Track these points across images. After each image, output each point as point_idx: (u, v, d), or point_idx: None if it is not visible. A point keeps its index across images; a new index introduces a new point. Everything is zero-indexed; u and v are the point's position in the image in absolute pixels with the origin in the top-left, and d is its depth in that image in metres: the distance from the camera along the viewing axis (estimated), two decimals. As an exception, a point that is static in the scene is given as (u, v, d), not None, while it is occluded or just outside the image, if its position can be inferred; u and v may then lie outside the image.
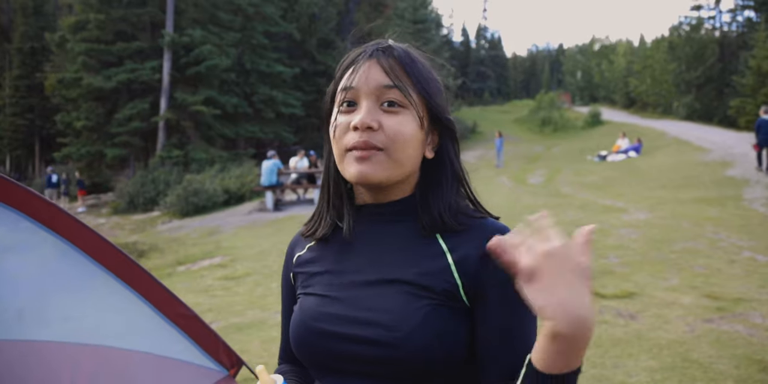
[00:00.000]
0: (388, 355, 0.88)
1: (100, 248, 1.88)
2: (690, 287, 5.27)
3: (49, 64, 31.86)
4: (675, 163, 15.85)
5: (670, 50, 37.49)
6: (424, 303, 0.90)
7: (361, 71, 0.95)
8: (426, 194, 0.99)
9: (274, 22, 29.18)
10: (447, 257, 0.94)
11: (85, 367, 1.87)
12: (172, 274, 8.00)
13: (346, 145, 0.94)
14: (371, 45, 1.00)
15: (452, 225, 0.96)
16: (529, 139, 32.16)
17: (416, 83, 0.95)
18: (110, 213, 21.17)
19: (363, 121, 0.91)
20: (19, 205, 1.81)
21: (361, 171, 0.92)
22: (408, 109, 0.94)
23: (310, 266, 1.04)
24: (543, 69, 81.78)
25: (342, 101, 0.96)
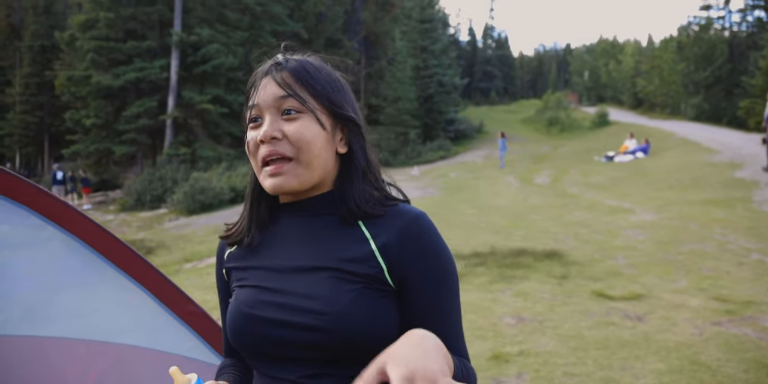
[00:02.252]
0: (319, 339, 0.93)
1: (108, 245, 1.88)
2: (698, 289, 5.24)
3: (59, 62, 32.01)
4: (683, 164, 15.76)
5: (679, 50, 37.24)
6: (352, 287, 0.96)
7: (259, 89, 1.03)
8: (342, 186, 1.05)
9: (281, 21, 29.21)
10: (370, 243, 0.99)
11: (92, 363, 1.87)
12: (179, 271, 8.01)
13: (259, 161, 1.02)
14: (265, 64, 1.07)
15: (370, 212, 1.02)
16: (536, 139, 32.07)
17: (310, 88, 1.02)
18: (118, 210, 21.24)
19: (265, 133, 0.99)
20: (27, 202, 1.82)
21: (274, 184, 1.00)
22: (306, 113, 1.01)
23: (242, 261, 1.10)
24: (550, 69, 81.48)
25: (249, 119, 1.04)
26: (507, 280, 5.89)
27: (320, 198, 1.06)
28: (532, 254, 6.83)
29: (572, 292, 5.36)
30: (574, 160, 21.34)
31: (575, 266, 6.27)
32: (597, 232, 8.14)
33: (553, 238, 7.77)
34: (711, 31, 36.82)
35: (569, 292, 5.39)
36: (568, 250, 6.97)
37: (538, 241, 7.60)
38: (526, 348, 4.03)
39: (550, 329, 4.40)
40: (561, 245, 7.29)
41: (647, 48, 58.47)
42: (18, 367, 1.77)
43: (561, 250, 6.95)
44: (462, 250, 7.19)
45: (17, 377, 1.76)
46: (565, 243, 7.45)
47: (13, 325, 1.80)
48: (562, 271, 6.08)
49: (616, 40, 67.24)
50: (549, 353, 3.91)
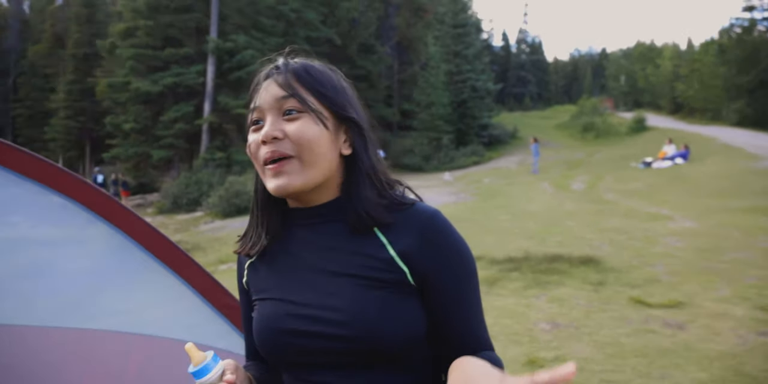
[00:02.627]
0: (349, 346, 0.94)
1: (155, 241, 1.93)
2: (742, 298, 5.10)
3: (100, 69, 32.88)
4: (724, 170, 15.38)
5: (720, 53, 36.40)
6: (376, 294, 0.96)
7: (261, 91, 1.03)
8: (349, 192, 1.04)
9: (315, 28, 29.50)
10: (388, 249, 0.99)
11: (135, 356, 1.92)
12: (215, 272, 8.13)
13: (261, 161, 1.02)
14: (266, 67, 1.08)
15: (381, 219, 1.00)
16: (571, 145, 31.67)
17: (311, 89, 1.02)
18: (155, 213, 21.66)
19: (267, 133, 0.99)
20: (79, 198, 1.88)
21: (277, 184, 0.99)
22: (307, 113, 1.00)
23: (260, 273, 1.10)
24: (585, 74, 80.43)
25: (251, 122, 1.05)
26: (542, 285, 5.82)
27: (330, 205, 1.05)
28: (567, 260, 6.74)
29: (609, 299, 5.27)
30: (609, 166, 21.00)
31: (612, 273, 6.17)
32: (634, 238, 8.00)
33: (589, 245, 7.66)
34: (755, 32, 35.85)
35: (606, 298, 5.30)
36: (604, 257, 6.86)
37: (573, 247, 7.50)
38: (562, 354, 3.98)
39: (587, 335, 4.34)
40: (597, 252, 7.18)
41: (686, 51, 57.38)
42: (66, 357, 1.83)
43: (597, 257, 6.85)
44: (496, 255, 7.14)
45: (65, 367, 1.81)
46: (601, 249, 7.34)
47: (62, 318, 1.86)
48: (598, 278, 5.99)
49: (654, 43, 66.13)
50: (585, 360, 3.85)
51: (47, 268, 1.88)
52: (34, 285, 1.84)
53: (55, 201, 1.87)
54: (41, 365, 1.75)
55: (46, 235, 1.93)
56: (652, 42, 67.02)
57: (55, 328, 1.82)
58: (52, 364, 1.77)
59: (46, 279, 1.86)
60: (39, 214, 1.88)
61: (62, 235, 1.95)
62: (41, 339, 1.78)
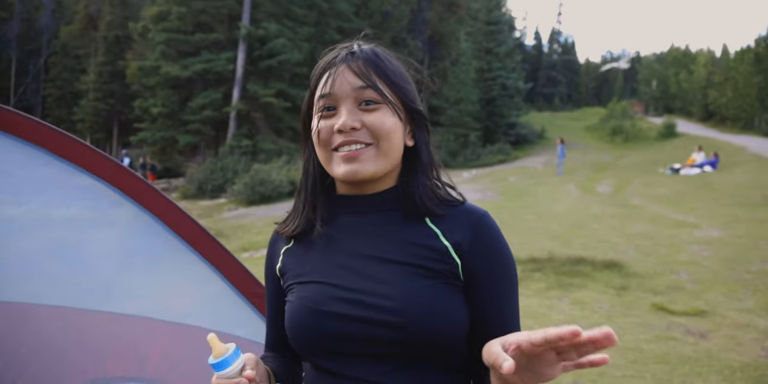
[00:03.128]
0: (397, 335, 0.92)
1: (183, 224, 1.93)
2: (766, 310, 5.00)
3: (131, 52, 33.22)
4: (754, 180, 15.07)
5: (756, 62, 35.61)
6: (429, 282, 0.96)
7: (334, 78, 1.01)
8: (407, 181, 1.05)
9: (347, 19, 29.48)
10: (441, 239, 1.00)
11: (159, 342, 1.92)
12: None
13: (332, 146, 1.01)
14: (337, 51, 1.06)
15: (435, 209, 1.02)
16: (599, 148, 31.30)
17: (386, 80, 1.02)
18: (179, 197, 21.90)
19: (345, 123, 0.98)
20: (109, 178, 1.88)
21: (349, 170, 0.99)
22: (384, 104, 1.01)
23: (302, 257, 1.07)
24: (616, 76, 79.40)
25: (322, 108, 1.02)
26: (564, 287, 5.76)
27: (386, 193, 1.05)
28: (591, 263, 6.66)
29: (632, 304, 5.20)
30: (637, 170, 20.71)
31: (636, 278, 6.09)
32: (659, 245, 7.88)
33: (614, 249, 7.57)
34: (792, 42, 35.05)
35: (629, 303, 5.23)
36: (628, 262, 6.77)
37: (597, 251, 7.41)
38: (582, 357, 3.93)
39: (608, 340, 4.28)
40: (621, 256, 7.09)
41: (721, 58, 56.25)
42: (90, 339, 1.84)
43: (621, 261, 6.76)
44: (519, 254, 7.08)
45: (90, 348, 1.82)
46: (625, 254, 7.24)
47: (90, 300, 1.87)
48: (621, 282, 5.92)
49: (689, 49, 64.97)
50: (606, 365, 3.81)
51: (74, 249, 1.88)
52: (61, 265, 1.85)
53: (85, 181, 1.87)
54: (64, 345, 1.77)
55: (75, 215, 1.92)
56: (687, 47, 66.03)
57: (81, 310, 1.83)
58: (76, 344, 1.78)
59: (73, 259, 1.86)
60: (68, 194, 1.88)
61: (90, 215, 1.95)
62: (66, 319, 1.79)
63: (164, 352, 1.92)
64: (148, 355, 1.91)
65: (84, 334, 1.83)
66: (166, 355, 1.92)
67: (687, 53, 62.26)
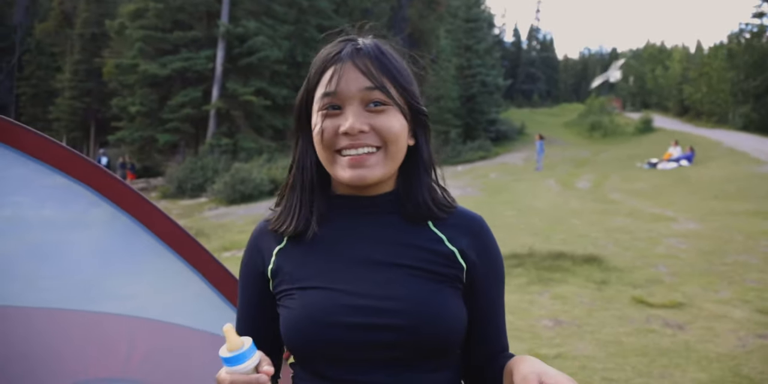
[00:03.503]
0: (405, 338, 0.91)
1: (161, 224, 1.92)
2: (742, 301, 5.10)
3: (108, 49, 32.74)
4: (729, 174, 15.33)
5: (729, 58, 36.17)
6: (436, 286, 0.96)
7: (339, 75, 0.95)
8: (408, 182, 1.02)
9: (327, 16, 29.37)
10: (446, 244, 0.99)
11: (141, 341, 1.91)
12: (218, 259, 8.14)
13: (336, 148, 0.96)
14: (341, 45, 1.00)
15: (437, 212, 1.01)
16: (578, 144, 31.60)
17: (392, 79, 0.97)
18: (159, 197, 21.69)
19: (353, 126, 0.93)
20: (84, 179, 1.86)
21: (356, 175, 0.94)
22: (392, 106, 0.96)
23: (298, 259, 1.01)
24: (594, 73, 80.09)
25: (325, 106, 0.96)
26: (545, 282, 5.82)
27: (388, 195, 1.02)
28: (571, 258, 6.73)
29: (611, 298, 5.27)
30: (615, 165, 20.96)
31: (615, 272, 6.17)
32: (638, 239, 7.99)
33: (593, 243, 7.65)
34: (763, 38, 35.65)
35: (608, 297, 5.30)
36: (608, 256, 6.86)
37: (577, 245, 7.49)
38: (564, 351, 3.98)
39: (589, 333, 4.34)
40: (601, 250, 7.18)
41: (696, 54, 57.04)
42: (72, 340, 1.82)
43: (601, 256, 6.84)
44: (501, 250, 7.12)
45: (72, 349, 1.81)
46: (605, 248, 7.33)
47: (68, 301, 1.85)
48: (601, 277, 5.99)
49: (664, 45, 65.82)
50: (587, 357, 3.86)
51: (52, 250, 1.86)
52: (40, 266, 1.82)
53: (60, 182, 1.84)
54: (46, 347, 1.75)
55: (51, 216, 1.90)
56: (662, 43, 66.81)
57: (60, 310, 1.81)
58: (57, 346, 1.77)
59: (52, 260, 1.84)
60: (44, 194, 1.85)
61: (67, 216, 1.93)
62: (46, 321, 1.77)
63: (147, 351, 1.91)
64: (131, 354, 1.89)
65: (65, 336, 1.81)
66: (149, 354, 1.91)
67: (662, 49, 63.07)
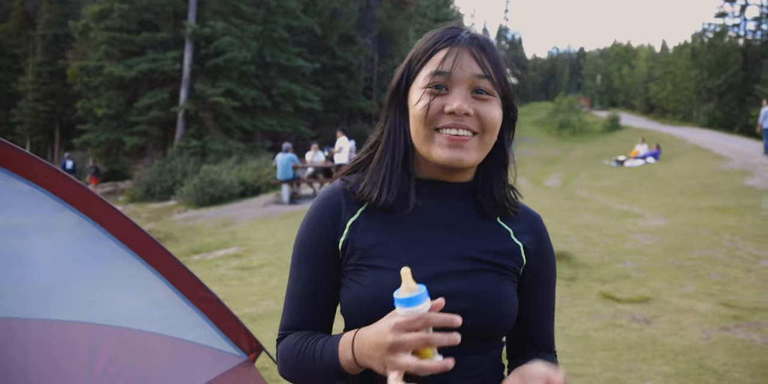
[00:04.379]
0: (476, 324, 0.97)
1: (126, 230, 1.90)
2: (706, 295, 5.22)
3: (72, 51, 32.18)
4: (694, 170, 15.68)
5: (693, 57, 37.08)
6: (500, 278, 1.02)
7: (454, 58, 0.98)
8: (488, 176, 1.07)
9: (296, 16, 29.23)
10: (513, 239, 1.06)
11: (105, 348, 1.88)
12: (187, 262, 8.05)
13: (436, 124, 0.99)
14: (454, 30, 1.03)
15: (509, 209, 1.07)
16: (547, 142, 31.99)
17: (499, 72, 1.02)
18: (127, 201, 21.35)
19: (461, 107, 0.96)
20: (46, 185, 1.83)
21: (454, 156, 0.97)
22: (495, 96, 1.01)
23: (370, 235, 1.02)
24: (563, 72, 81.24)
25: (432, 84, 0.99)
26: (514, 280, 5.87)
27: (468, 185, 1.07)
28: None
29: (580, 294, 5.35)
30: (584, 163, 21.28)
31: (584, 268, 6.26)
32: (606, 235, 8.11)
33: (563, 240, 7.75)
34: (725, 38, 36.60)
35: (577, 293, 5.38)
36: (577, 253, 6.95)
37: (546, 243, 7.58)
38: (533, 348, 4.03)
39: (558, 329, 4.39)
40: (570, 247, 7.27)
41: (661, 54, 58.26)
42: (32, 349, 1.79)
43: (570, 252, 6.93)
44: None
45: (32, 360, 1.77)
46: (574, 245, 7.43)
47: (28, 309, 1.81)
48: (570, 273, 6.07)
49: (630, 45, 67.04)
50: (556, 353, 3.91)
51: (13, 257, 1.82)
52: (1, 275, 1.79)
53: (22, 188, 1.80)
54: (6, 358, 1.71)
55: (12, 223, 1.87)
56: (629, 43, 67.98)
57: (23, 320, 1.78)
58: (18, 356, 1.73)
59: (12, 268, 1.80)
60: (6, 201, 1.82)
61: (29, 223, 1.90)
62: (7, 331, 1.73)
63: (111, 359, 1.88)
64: (94, 362, 1.87)
65: (25, 345, 1.78)
66: (112, 361, 1.88)
67: (629, 49, 64.25)
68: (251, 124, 27.86)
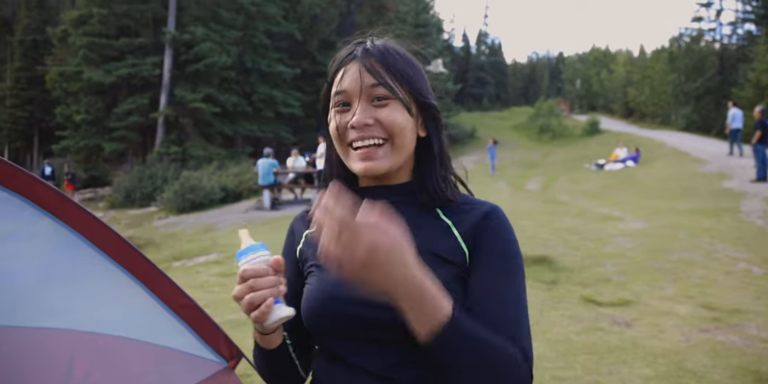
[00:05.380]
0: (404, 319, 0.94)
1: (104, 237, 1.87)
2: (686, 297, 5.28)
3: (51, 57, 31.85)
4: (672, 173, 15.88)
5: (670, 61, 37.59)
6: (443, 272, 0.99)
7: (348, 75, 1.05)
8: (421, 172, 1.10)
9: (276, 22, 29.20)
10: (453, 231, 1.05)
11: (83, 355, 1.86)
12: (168, 269, 7.97)
13: (347, 142, 1.05)
14: (353, 47, 1.09)
15: (448, 197, 1.07)
16: (527, 146, 32.21)
17: (398, 76, 1.05)
18: (107, 207, 21.11)
19: (358, 120, 1.02)
20: (23, 192, 1.80)
21: (366, 167, 1.03)
22: (395, 100, 1.04)
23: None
24: (542, 76, 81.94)
25: (337, 103, 1.06)
26: (497, 284, 5.88)
27: (404, 186, 1.10)
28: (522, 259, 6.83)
29: (561, 298, 5.38)
30: (564, 167, 21.45)
31: (564, 272, 6.30)
32: (586, 239, 8.17)
33: (543, 244, 7.79)
34: (702, 43, 37.20)
35: (558, 297, 5.41)
36: (557, 256, 6.99)
37: (527, 247, 7.61)
38: (515, 351, 4.03)
39: (540, 333, 4.41)
40: (551, 251, 7.32)
41: (639, 58, 58.96)
42: (7, 357, 1.76)
43: (551, 256, 6.97)
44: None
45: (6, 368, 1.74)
46: (554, 249, 7.48)
47: (3, 316, 1.78)
48: (551, 277, 6.11)
49: (609, 49, 67.82)
50: (537, 357, 3.92)
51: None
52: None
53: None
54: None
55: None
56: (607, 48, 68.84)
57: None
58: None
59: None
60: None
61: (5, 230, 1.86)
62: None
63: (89, 367, 1.86)
64: (71, 371, 1.84)
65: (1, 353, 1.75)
66: (91, 369, 1.86)
67: (607, 53, 65.01)
68: (232, 129, 27.73)
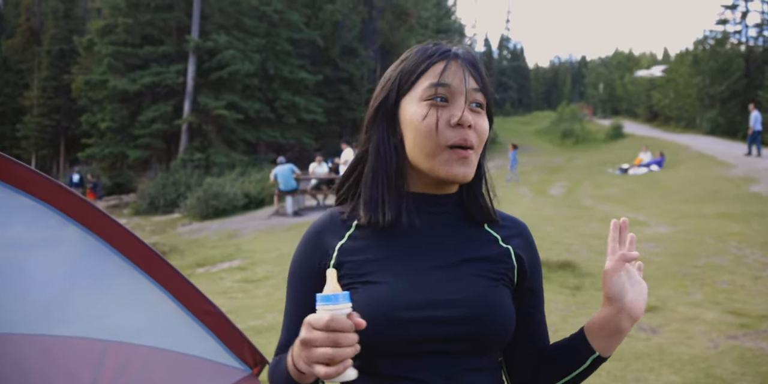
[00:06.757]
0: (465, 331, 0.96)
1: (130, 245, 1.89)
2: (713, 303, 5.19)
3: (77, 66, 32.43)
4: (698, 177, 15.63)
5: (695, 64, 37.03)
6: (493, 283, 1.01)
7: (451, 71, 1.00)
8: (472, 187, 1.09)
9: (298, 29, 29.40)
10: (502, 244, 1.07)
11: (108, 363, 1.88)
12: (192, 275, 8.04)
13: (446, 142, 0.98)
14: (443, 45, 1.05)
15: (494, 215, 1.09)
16: (550, 151, 31.97)
17: (487, 88, 1.05)
18: (131, 214, 21.39)
19: (466, 118, 0.98)
20: (48, 199, 1.83)
21: (460, 172, 0.99)
22: (484, 110, 1.04)
23: (361, 254, 1.01)
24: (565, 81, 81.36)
25: (434, 96, 0.99)
26: (520, 290, 5.84)
27: (454, 196, 1.08)
28: (545, 265, 6.78)
29: (586, 303, 5.32)
30: (588, 172, 21.23)
31: (589, 277, 6.23)
32: (611, 243, 8.07)
33: (567, 249, 7.72)
34: (727, 45, 36.57)
35: (583, 303, 5.35)
36: (582, 262, 6.92)
37: (551, 252, 7.55)
38: (539, 358, 4.00)
39: (563, 340, 4.37)
40: (575, 256, 7.25)
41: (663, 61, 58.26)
42: (34, 365, 1.78)
43: (575, 262, 6.91)
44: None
45: (33, 376, 1.77)
46: (579, 254, 7.41)
47: (30, 324, 1.81)
48: (575, 282, 6.05)
49: (632, 53, 67.21)
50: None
51: (17, 272, 1.82)
52: (2, 289, 1.79)
53: (25, 202, 1.81)
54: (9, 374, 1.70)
55: (16, 237, 1.86)
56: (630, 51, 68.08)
57: (24, 336, 1.77)
58: (20, 372, 1.72)
59: (15, 283, 1.80)
60: (8, 216, 1.82)
61: (32, 237, 1.89)
62: (9, 346, 1.73)
63: (115, 375, 1.88)
64: (98, 377, 1.86)
65: (26, 361, 1.77)
66: (116, 377, 1.87)
67: (631, 57, 64.37)
68: (255, 136, 27.95)
